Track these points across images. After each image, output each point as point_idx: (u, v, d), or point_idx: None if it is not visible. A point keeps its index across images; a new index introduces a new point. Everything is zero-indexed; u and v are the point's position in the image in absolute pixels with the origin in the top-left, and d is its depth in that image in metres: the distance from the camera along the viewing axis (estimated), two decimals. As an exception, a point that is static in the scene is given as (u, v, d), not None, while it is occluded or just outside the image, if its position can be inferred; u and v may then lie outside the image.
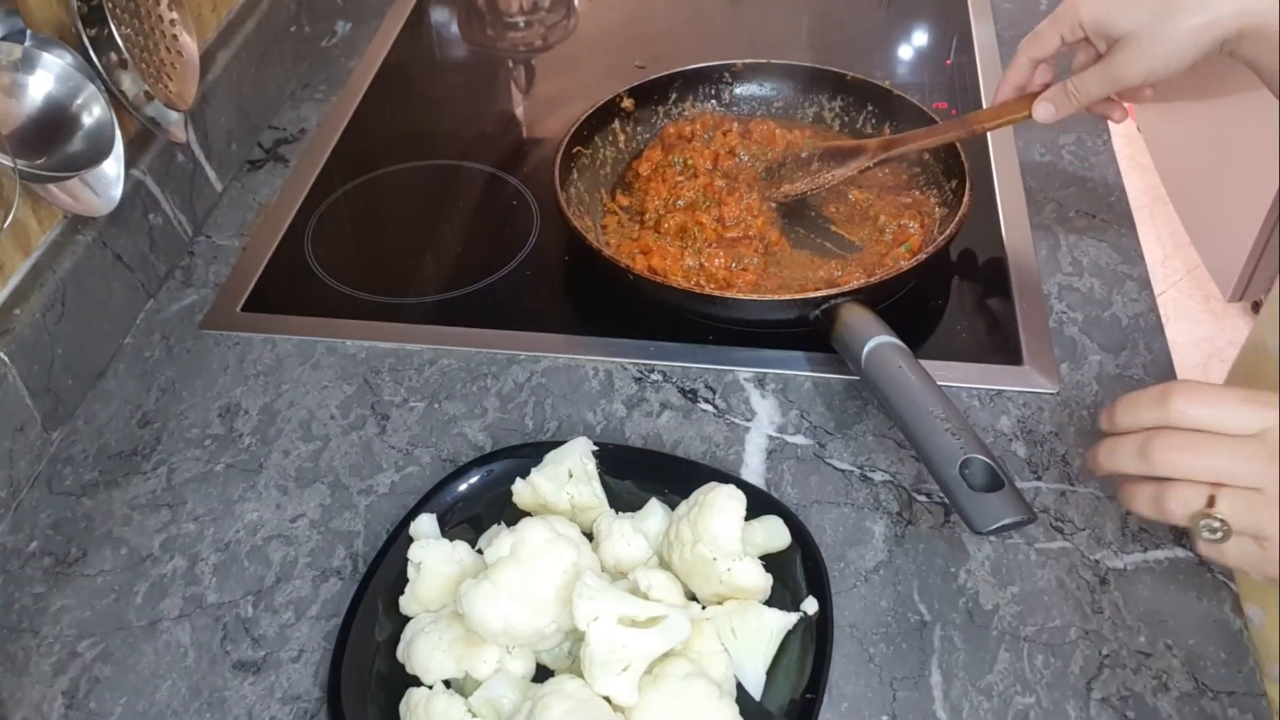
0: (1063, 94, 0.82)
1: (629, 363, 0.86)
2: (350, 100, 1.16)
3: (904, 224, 0.93)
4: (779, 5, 1.31)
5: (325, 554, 0.74)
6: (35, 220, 0.82)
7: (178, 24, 0.91)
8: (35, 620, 0.72)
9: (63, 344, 0.82)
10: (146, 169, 0.92)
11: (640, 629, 0.59)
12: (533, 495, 0.70)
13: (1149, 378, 0.83)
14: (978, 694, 0.65)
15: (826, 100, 1.05)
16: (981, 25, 1.22)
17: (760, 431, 0.81)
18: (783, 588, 0.67)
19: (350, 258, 0.98)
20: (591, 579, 0.60)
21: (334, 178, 1.06)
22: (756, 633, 0.64)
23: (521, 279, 0.94)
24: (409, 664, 0.64)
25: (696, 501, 0.66)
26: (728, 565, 0.64)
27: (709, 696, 0.58)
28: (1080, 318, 0.88)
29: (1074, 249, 0.94)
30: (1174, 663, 0.66)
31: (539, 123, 1.16)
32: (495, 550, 0.63)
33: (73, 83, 0.77)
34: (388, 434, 0.82)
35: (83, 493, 0.79)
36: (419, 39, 1.28)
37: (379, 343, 0.89)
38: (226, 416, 0.84)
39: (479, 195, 1.05)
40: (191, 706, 0.67)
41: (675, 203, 0.95)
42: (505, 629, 0.60)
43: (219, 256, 0.98)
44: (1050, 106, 0.83)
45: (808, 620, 0.65)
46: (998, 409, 0.81)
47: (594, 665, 0.58)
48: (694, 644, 0.62)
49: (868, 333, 0.78)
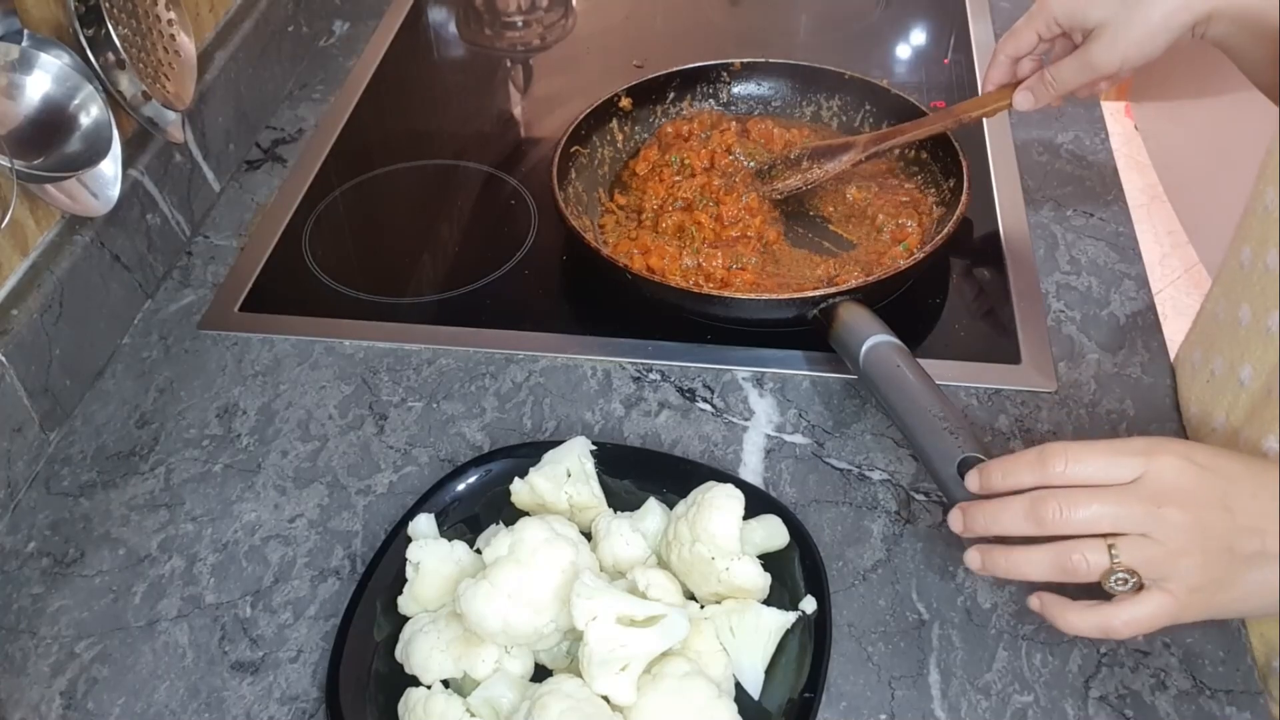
0: (1041, 83, 0.85)
1: (627, 362, 0.86)
2: (348, 100, 1.16)
3: (902, 223, 0.93)
4: (777, 4, 1.31)
5: (323, 554, 0.74)
6: (33, 220, 0.82)
7: (175, 24, 0.90)
8: (33, 621, 0.72)
9: (60, 344, 0.82)
10: (144, 169, 0.92)
11: (639, 628, 0.59)
12: (531, 495, 0.70)
13: (1147, 376, 0.83)
14: (976, 692, 0.65)
15: (824, 99, 1.05)
16: (979, 24, 1.22)
17: (758, 431, 0.81)
18: (781, 587, 0.67)
19: (348, 258, 0.98)
20: (590, 578, 0.60)
21: (332, 178, 1.06)
22: (755, 632, 0.64)
23: (519, 279, 0.94)
24: (407, 663, 0.64)
25: (695, 501, 0.66)
26: (726, 564, 0.64)
27: (708, 695, 0.58)
28: (1078, 316, 0.88)
29: (1072, 247, 0.94)
30: (1172, 661, 0.66)
31: (537, 122, 1.16)
32: (493, 550, 0.63)
33: (70, 83, 0.77)
34: (386, 434, 0.82)
35: (80, 493, 0.79)
36: (417, 39, 1.28)
37: (377, 343, 0.89)
38: (224, 417, 0.84)
39: (477, 195, 1.05)
40: (190, 707, 0.67)
41: (673, 203, 0.95)
42: (503, 628, 0.60)
43: (217, 256, 0.98)
44: (1029, 95, 0.86)
45: (806, 619, 0.65)
46: (996, 407, 0.81)
47: (592, 664, 0.58)
48: (692, 643, 0.62)
49: (866, 331, 0.78)
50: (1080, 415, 0.80)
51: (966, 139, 0.95)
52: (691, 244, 0.90)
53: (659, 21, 1.30)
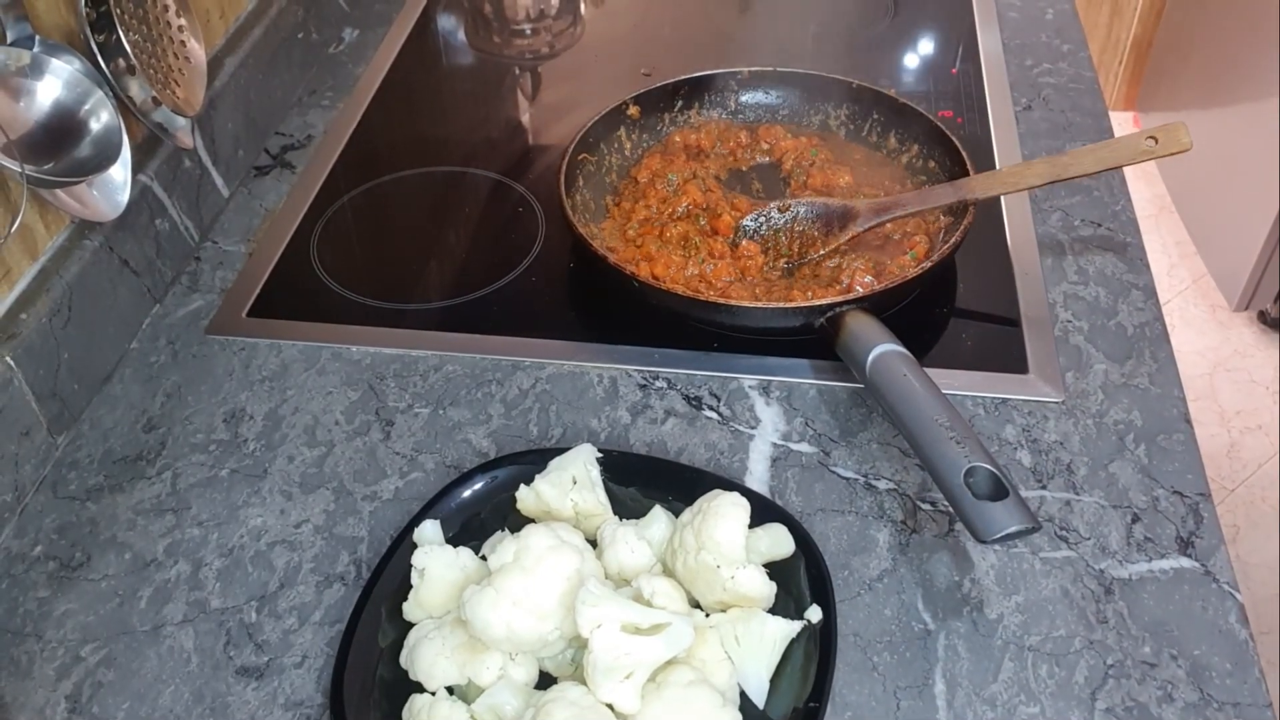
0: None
1: (634, 370, 0.86)
2: (357, 106, 1.16)
3: (909, 232, 0.93)
4: (785, 13, 1.32)
5: (329, 560, 0.74)
6: (42, 225, 0.82)
7: (185, 30, 0.91)
8: (39, 624, 0.72)
9: (69, 349, 0.82)
10: (153, 174, 0.92)
11: (643, 636, 0.59)
12: (536, 502, 0.70)
13: (1154, 387, 0.83)
14: (982, 703, 0.65)
15: (832, 108, 1.05)
16: (987, 33, 1.22)
17: (764, 439, 0.81)
18: (786, 595, 0.67)
19: (356, 264, 0.98)
20: (595, 586, 0.59)
21: (340, 184, 1.06)
22: (760, 640, 0.64)
23: (527, 285, 0.94)
24: (412, 670, 0.64)
25: (700, 509, 0.66)
26: (731, 573, 0.64)
27: (712, 704, 0.58)
28: (1086, 326, 0.88)
29: (1079, 258, 0.94)
30: (1179, 673, 0.66)
31: (545, 129, 1.16)
32: (499, 557, 0.63)
33: (81, 88, 0.78)
34: (392, 440, 0.82)
35: (87, 497, 0.79)
36: (426, 46, 1.29)
37: (384, 349, 0.89)
38: (231, 422, 0.84)
39: (484, 202, 1.05)
40: (194, 712, 0.67)
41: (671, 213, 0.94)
42: (508, 635, 0.60)
43: (225, 262, 0.98)
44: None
45: (812, 628, 0.65)
46: (1003, 417, 0.81)
47: (597, 672, 0.58)
48: (697, 652, 0.62)
49: (873, 341, 0.78)
50: (1087, 425, 0.80)
51: (973, 149, 0.95)
52: (696, 254, 0.90)
53: (667, 30, 1.30)
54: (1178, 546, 0.72)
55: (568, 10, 1.33)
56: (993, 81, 1.15)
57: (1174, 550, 0.72)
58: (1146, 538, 0.73)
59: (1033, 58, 1.19)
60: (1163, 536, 0.73)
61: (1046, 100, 1.13)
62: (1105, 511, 0.75)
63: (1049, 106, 1.12)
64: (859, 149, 1.03)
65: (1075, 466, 0.78)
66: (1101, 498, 0.76)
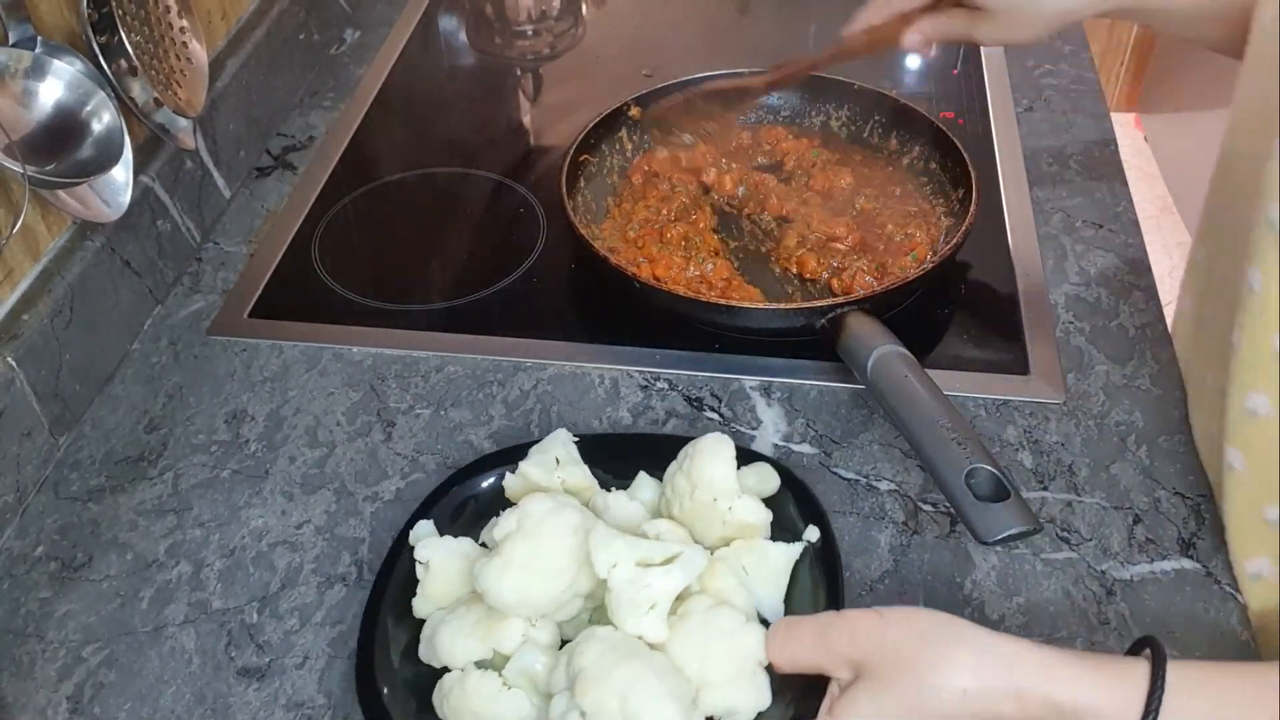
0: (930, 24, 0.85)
1: (635, 370, 0.86)
2: (358, 108, 1.16)
3: (910, 233, 0.93)
4: (786, 15, 1.32)
5: (330, 560, 0.74)
6: (44, 226, 0.82)
7: (187, 31, 0.91)
8: (40, 625, 0.72)
9: (70, 349, 0.82)
10: (155, 175, 0.92)
11: (659, 568, 0.60)
12: (525, 485, 0.70)
13: (1156, 388, 0.83)
14: (983, 705, 0.65)
15: (834, 109, 1.05)
16: (989, 35, 1.22)
17: (766, 440, 0.80)
18: (781, 529, 0.68)
19: (357, 264, 0.98)
20: (604, 530, 0.61)
21: (341, 185, 1.06)
22: (766, 566, 0.65)
23: (528, 286, 0.94)
24: (435, 657, 0.63)
25: (687, 454, 0.67)
26: (729, 504, 0.65)
27: (736, 623, 0.59)
28: (1087, 328, 0.88)
29: (1081, 259, 0.94)
30: (1181, 674, 0.66)
31: (546, 131, 1.16)
32: (502, 527, 0.63)
33: (83, 89, 0.78)
34: (393, 441, 0.82)
35: (89, 498, 0.79)
36: (427, 47, 1.29)
37: (385, 349, 0.89)
38: (233, 422, 0.84)
39: (486, 203, 1.05)
40: (196, 713, 0.67)
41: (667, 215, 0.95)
42: (523, 599, 0.61)
43: (226, 263, 0.98)
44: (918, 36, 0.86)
45: (813, 551, 0.66)
46: (1004, 419, 0.81)
47: (620, 608, 0.59)
48: (712, 584, 0.63)
49: (874, 341, 0.78)
50: (1089, 427, 0.80)
51: (975, 150, 0.95)
52: (697, 255, 0.90)
53: (668, 31, 1.30)
54: (1179, 548, 0.72)
55: (569, 11, 1.33)
56: (994, 83, 1.15)
57: (1175, 551, 0.72)
58: (1148, 539, 0.73)
59: (1034, 59, 1.19)
60: (1164, 538, 0.73)
61: (1048, 101, 1.13)
62: (1107, 513, 0.75)
63: (1050, 108, 1.12)
64: (860, 150, 1.03)
65: (1077, 468, 0.78)
66: (1103, 499, 0.76)
